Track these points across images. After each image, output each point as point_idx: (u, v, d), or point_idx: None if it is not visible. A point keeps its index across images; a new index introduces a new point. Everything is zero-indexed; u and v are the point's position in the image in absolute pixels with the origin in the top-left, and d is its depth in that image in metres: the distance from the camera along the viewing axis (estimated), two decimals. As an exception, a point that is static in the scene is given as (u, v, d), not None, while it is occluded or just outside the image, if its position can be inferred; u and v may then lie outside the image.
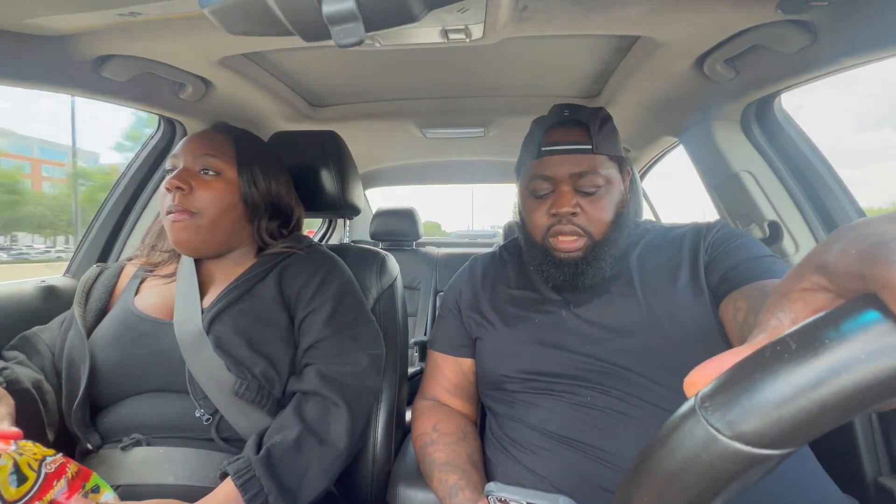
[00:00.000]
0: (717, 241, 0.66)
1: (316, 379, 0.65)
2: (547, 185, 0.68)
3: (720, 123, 1.01)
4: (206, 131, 0.75)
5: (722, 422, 0.19)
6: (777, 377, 0.18)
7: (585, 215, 0.66)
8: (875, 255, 0.17)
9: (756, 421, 0.18)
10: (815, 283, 0.21)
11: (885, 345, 0.16)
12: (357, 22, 0.39)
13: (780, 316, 0.22)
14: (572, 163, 0.66)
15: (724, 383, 0.20)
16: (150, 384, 0.65)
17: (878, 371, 0.16)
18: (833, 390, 0.17)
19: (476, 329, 0.76)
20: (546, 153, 0.68)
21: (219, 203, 0.68)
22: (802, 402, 0.17)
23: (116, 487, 0.58)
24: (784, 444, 0.18)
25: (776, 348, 0.19)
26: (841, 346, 0.17)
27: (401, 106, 1.25)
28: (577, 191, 0.66)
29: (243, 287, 0.70)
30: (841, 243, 0.19)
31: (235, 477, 0.55)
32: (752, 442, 0.18)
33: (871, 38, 0.65)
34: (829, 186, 0.92)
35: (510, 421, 0.68)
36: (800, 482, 0.53)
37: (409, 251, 2.05)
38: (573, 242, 0.66)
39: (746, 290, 0.55)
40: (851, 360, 0.17)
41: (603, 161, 0.67)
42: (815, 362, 0.17)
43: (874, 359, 0.16)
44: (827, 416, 0.17)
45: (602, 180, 0.66)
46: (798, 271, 0.22)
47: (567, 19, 0.69)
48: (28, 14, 0.61)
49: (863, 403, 0.17)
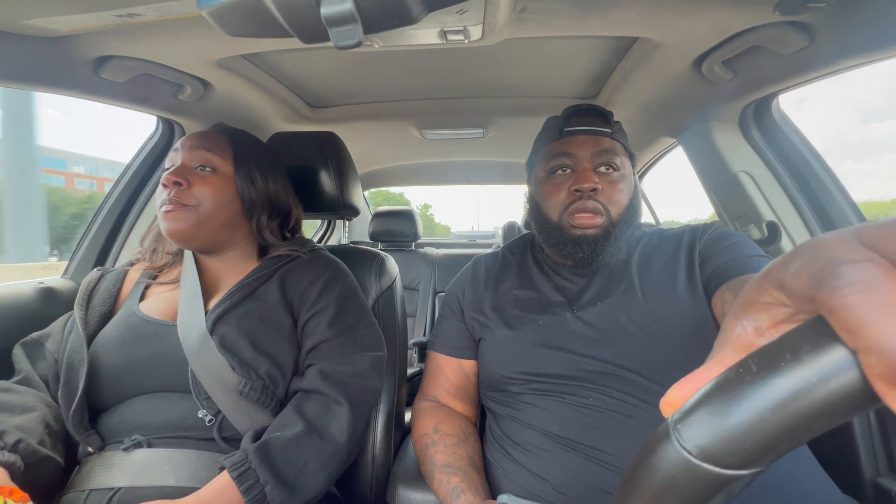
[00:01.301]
0: (710, 241, 0.67)
1: (318, 378, 0.65)
2: (569, 162, 0.70)
3: (718, 124, 1.02)
4: (203, 131, 0.75)
5: (692, 444, 0.20)
6: (740, 400, 0.19)
7: (604, 194, 0.68)
8: (821, 281, 0.18)
9: (722, 443, 0.19)
10: (776, 298, 0.21)
11: (836, 368, 0.17)
12: (355, 24, 0.39)
13: (743, 324, 0.22)
14: (594, 143, 0.70)
15: (692, 406, 0.21)
16: (152, 385, 0.65)
17: (830, 394, 0.17)
18: (791, 412, 0.17)
19: (478, 330, 0.76)
20: (569, 133, 0.71)
21: (215, 198, 0.69)
22: (764, 424, 0.18)
23: (117, 489, 0.58)
24: (751, 464, 0.19)
25: (739, 371, 0.20)
26: (796, 370, 0.18)
27: (400, 107, 1.25)
28: (596, 172, 0.69)
29: (247, 289, 0.71)
30: (797, 263, 0.20)
31: (231, 469, 0.56)
32: (721, 463, 0.19)
33: (868, 39, 0.65)
34: (827, 187, 0.92)
35: (511, 422, 0.68)
36: (801, 483, 0.53)
37: (408, 252, 2.05)
38: (592, 218, 0.67)
39: (733, 283, 0.56)
40: (806, 383, 0.17)
41: (620, 148, 0.71)
42: (774, 385, 0.18)
43: (826, 382, 0.17)
44: (788, 436, 0.18)
45: (619, 165, 0.70)
46: (760, 284, 0.22)
47: (565, 20, 0.69)
48: (27, 15, 0.61)
49: (820, 424, 0.17)
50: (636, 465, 0.23)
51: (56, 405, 0.65)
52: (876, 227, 0.18)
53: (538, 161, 0.76)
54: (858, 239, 0.18)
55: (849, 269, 0.17)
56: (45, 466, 0.59)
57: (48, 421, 0.62)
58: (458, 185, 2.46)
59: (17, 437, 0.56)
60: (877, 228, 0.18)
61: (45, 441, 0.60)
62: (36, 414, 0.62)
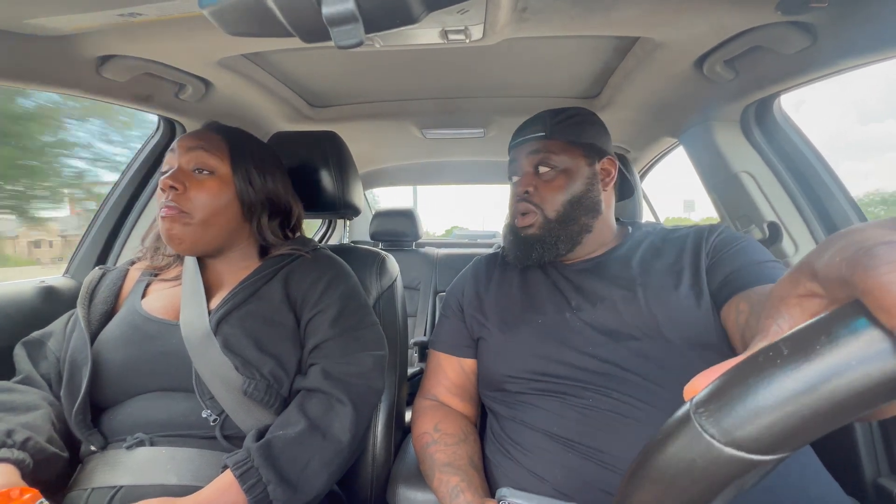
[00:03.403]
0: (718, 245, 0.66)
1: (320, 377, 0.65)
2: (517, 169, 0.78)
3: (720, 124, 1.01)
4: (198, 131, 0.74)
5: (716, 427, 0.19)
6: (770, 383, 0.18)
7: (539, 194, 0.74)
8: (856, 262, 0.18)
9: (749, 427, 0.18)
10: (809, 290, 0.21)
11: (874, 351, 0.16)
12: (357, 23, 0.39)
13: (780, 322, 0.22)
14: (528, 149, 0.76)
15: (717, 389, 0.20)
16: (155, 384, 0.65)
17: (867, 377, 0.16)
18: (824, 396, 0.17)
19: (478, 329, 0.76)
20: (512, 147, 0.81)
21: (213, 202, 0.68)
22: (795, 408, 0.17)
23: (120, 488, 0.58)
24: (777, 449, 0.18)
25: (769, 354, 0.19)
26: (832, 353, 0.17)
27: (401, 106, 1.25)
28: (536, 175, 0.75)
29: (250, 289, 0.70)
30: (830, 250, 0.19)
31: (234, 467, 0.55)
32: (746, 448, 0.18)
33: (870, 39, 0.65)
34: (829, 187, 0.92)
35: (511, 422, 0.68)
36: (804, 483, 0.53)
37: (409, 251, 2.05)
38: (526, 218, 0.75)
39: (748, 294, 0.55)
40: (842, 365, 0.17)
41: (559, 146, 0.74)
42: (807, 368, 0.17)
43: (863, 365, 0.16)
44: (819, 421, 0.17)
45: (556, 163, 0.74)
46: (793, 277, 0.22)
47: (566, 20, 0.69)
48: (28, 14, 0.61)
49: (854, 409, 0.17)
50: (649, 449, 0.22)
51: (59, 403, 0.65)
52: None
53: None
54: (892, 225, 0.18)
55: (885, 248, 0.17)
56: (53, 464, 0.60)
57: (53, 419, 0.63)
58: (459, 184, 2.45)
59: (25, 436, 0.57)
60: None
61: (53, 439, 0.61)
62: (42, 412, 0.62)
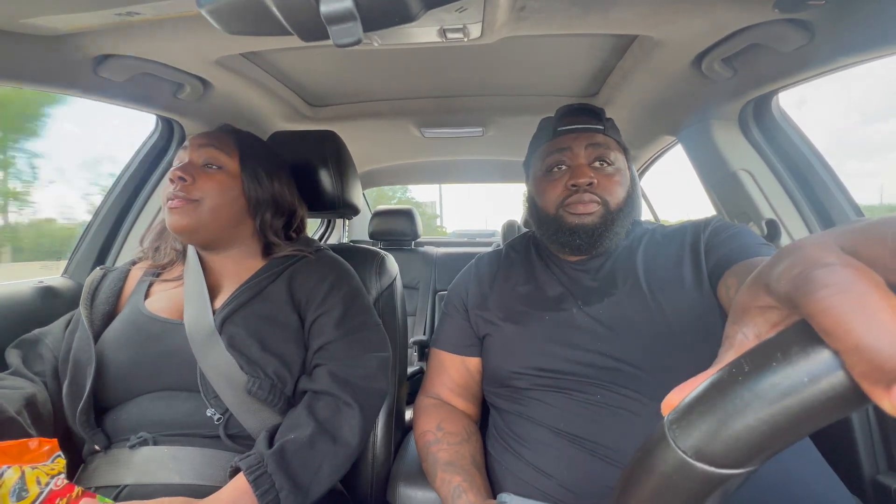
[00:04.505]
0: (713, 232, 0.68)
1: (327, 379, 0.65)
2: (564, 159, 0.72)
3: (718, 122, 1.02)
4: (210, 131, 0.76)
5: (686, 443, 0.20)
6: (733, 399, 0.19)
7: (601, 187, 0.70)
8: (798, 285, 0.18)
9: (715, 442, 0.19)
10: (766, 302, 0.21)
11: (823, 369, 0.17)
12: (355, 21, 0.39)
13: (744, 331, 0.22)
14: (587, 139, 0.72)
15: (687, 405, 0.21)
16: (160, 384, 0.65)
17: (819, 392, 0.17)
18: (781, 411, 0.18)
19: (484, 327, 0.76)
20: (562, 132, 0.74)
21: (221, 194, 0.70)
22: (756, 423, 0.18)
23: (123, 487, 0.58)
24: (745, 462, 0.19)
25: (732, 370, 0.20)
26: (785, 370, 0.18)
27: (399, 105, 1.25)
28: (594, 168, 0.71)
29: (254, 289, 0.71)
30: (779, 267, 0.20)
31: (248, 472, 0.55)
32: (714, 462, 0.19)
33: (868, 36, 0.65)
34: (827, 184, 0.92)
35: (517, 418, 0.68)
36: (807, 480, 0.53)
37: (408, 251, 2.05)
38: (588, 206, 0.69)
39: (735, 269, 0.57)
40: (795, 383, 0.18)
41: (613, 144, 0.73)
42: (765, 384, 0.18)
43: (814, 382, 0.17)
44: (780, 435, 0.18)
45: (613, 160, 0.72)
46: (752, 288, 0.22)
47: (565, 19, 0.69)
48: (25, 14, 0.61)
49: (810, 422, 0.18)
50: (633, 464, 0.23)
51: (48, 395, 0.64)
52: (855, 230, 0.19)
53: (535, 161, 0.77)
54: (838, 242, 0.19)
55: (823, 272, 0.17)
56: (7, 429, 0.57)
57: (34, 401, 0.61)
58: (458, 183, 2.46)
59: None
60: (855, 231, 0.19)
61: (23, 413, 0.59)
62: (20, 391, 0.61)
